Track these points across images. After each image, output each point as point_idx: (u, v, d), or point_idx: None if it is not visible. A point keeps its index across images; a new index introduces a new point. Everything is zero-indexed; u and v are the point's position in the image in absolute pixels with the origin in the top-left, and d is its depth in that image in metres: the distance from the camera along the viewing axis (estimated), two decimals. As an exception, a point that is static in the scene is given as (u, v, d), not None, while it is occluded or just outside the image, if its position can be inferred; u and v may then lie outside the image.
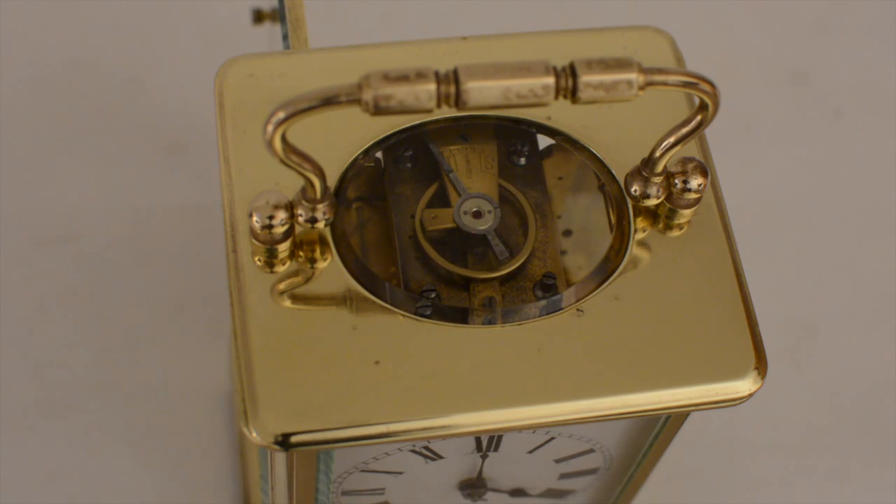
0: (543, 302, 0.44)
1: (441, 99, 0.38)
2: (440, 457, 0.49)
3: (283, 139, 0.39)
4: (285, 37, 0.51)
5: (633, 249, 0.45)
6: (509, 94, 0.38)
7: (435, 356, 0.42)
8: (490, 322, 0.43)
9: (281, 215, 0.42)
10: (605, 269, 0.45)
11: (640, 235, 0.45)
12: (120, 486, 0.70)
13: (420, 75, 0.37)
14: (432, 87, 0.37)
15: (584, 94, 0.38)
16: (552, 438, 0.48)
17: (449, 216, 0.46)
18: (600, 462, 0.52)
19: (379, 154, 0.48)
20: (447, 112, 0.47)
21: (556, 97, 0.38)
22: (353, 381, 0.41)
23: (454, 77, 0.37)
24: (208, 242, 0.76)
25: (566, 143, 0.47)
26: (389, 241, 0.47)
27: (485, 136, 0.48)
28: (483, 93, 0.38)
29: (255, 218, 0.42)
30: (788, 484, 0.73)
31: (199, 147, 0.79)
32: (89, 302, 0.74)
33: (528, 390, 0.41)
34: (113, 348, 0.73)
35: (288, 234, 0.42)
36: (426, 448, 0.48)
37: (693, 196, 0.44)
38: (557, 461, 0.51)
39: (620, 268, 0.44)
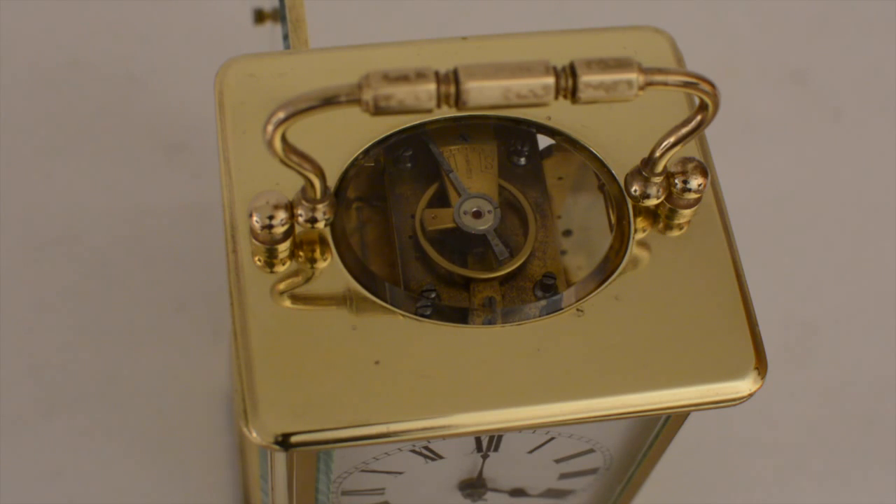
0: (543, 302, 0.44)
1: (441, 99, 0.38)
2: (440, 457, 0.49)
3: (283, 139, 0.39)
4: (286, 37, 0.51)
5: (633, 249, 0.45)
6: (509, 94, 0.38)
7: (435, 356, 0.42)
8: (490, 322, 0.43)
9: (281, 215, 0.42)
10: (605, 269, 0.45)
11: (640, 235, 0.45)
12: (120, 486, 0.70)
13: (420, 75, 0.37)
14: (432, 87, 0.37)
15: (584, 94, 0.38)
16: (552, 438, 0.48)
17: (449, 216, 0.46)
18: (600, 462, 0.52)
19: (379, 154, 0.48)
20: (447, 112, 0.47)
21: (556, 97, 0.38)
22: (353, 381, 0.41)
23: (454, 77, 0.37)
24: (208, 242, 0.76)
25: (566, 143, 0.47)
26: (389, 241, 0.47)
27: (485, 136, 0.48)
28: (483, 93, 0.38)
29: (255, 218, 0.42)
30: (788, 484, 0.73)
31: (199, 147, 0.79)
32: (89, 302, 0.74)
33: (528, 390, 0.41)
34: (113, 348, 0.73)
35: (288, 234, 0.42)
36: (426, 448, 0.48)
37: (693, 196, 0.44)
38: (557, 461, 0.51)
39: (620, 268, 0.44)
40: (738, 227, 0.49)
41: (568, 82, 0.38)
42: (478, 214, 0.46)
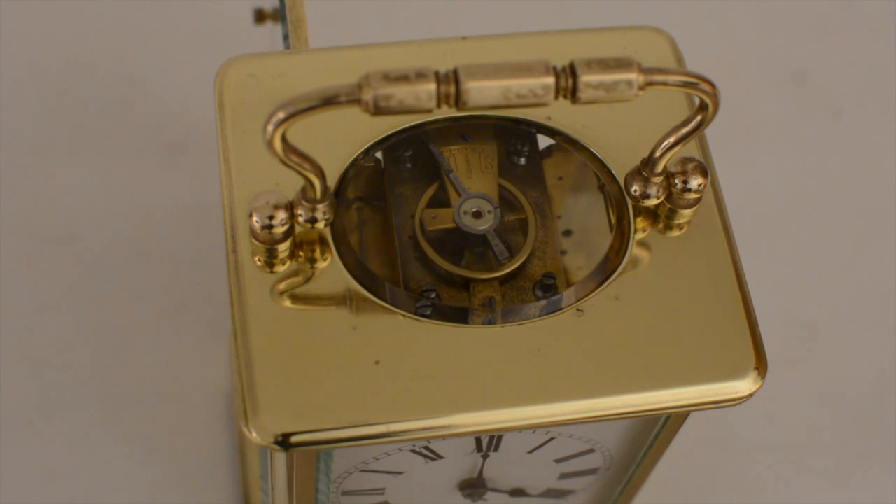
0: (543, 302, 0.44)
1: (441, 99, 0.38)
2: (440, 457, 0.49)
3: (283, 139, 0.39)
4: (286, 37, 0.51)
5: (633, 249, 0.45)
6: (509, 94, 0.38)
7: (435, 356, 0.42)
8: (490, 322, 0.43)
9: (281, 215, 0.42)
10: (605, 269, 0.45)
11: (640, 235, 0.45)
12: (120, 486, 0.70)
13: (420, 75, 0.37)
14: (432, 87, 0.37)
15: (584, 94, 0.38)
16: (552, 438, 0.48)
17: (449, 216, 0.46)
18: (600, 462, 0.52)
19: (379, 154, 0.48)
20: (447, 112, 0.47)
21: (556, 97, 0.38)
22: (353, 381, 0.41)
23: (454, 77, 0.37)
24: (208, 242, 0.76)
25: (566, 143, 0.47)
26: (389, 241, 0.47)
27: (485, 136, 0.48)
28: (483, 93, 0.38)
29: (255, 218, 0.42)
30: (788, 484, 0.73)
31: (199, 147, 0.79)
32: (89, 302, 0.74)
33: (528, 390, 0.41)
34: (113, 348, 0.73)
35: (288, 234, 0.42)
36: (426, 448, 0.48)
37: (693, 196, 0.44)
38: (557, 461, 0.51)
39: (620, 268, 0.44)
40: (738, 227, 0.49)
41: (568, 82, 0.38)
42: (478, 214, 0.46)
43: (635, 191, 0.44)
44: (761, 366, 0.43)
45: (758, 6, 0.90)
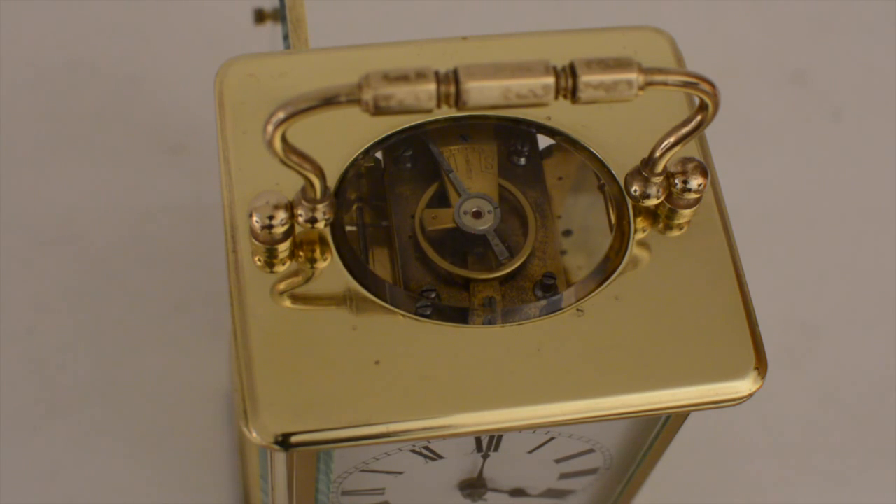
0: (543, 302, 0.44)
1: (441, 99, 0.38)
2: (440, 457, 0.49)
3: (283, 139, 0.39)
4: (286, 37, 0.51)
5: (633, 249, 0.45)
6: (509, 94, 0.38)
7: (435, 356, 0.42)
8: (490, 322, 0.43)
9: (281, 215, 0.42)
10: (605, 269, 0.45)
11: (640, 235, 0.45)
12: (120, 486, 0.70)
13: (420, 75, 0.37)
14: (432, 87, 0.37)
15: (584, 94, 0.38)
16: (552, 438, 0.48)
17: (449, 216, 0.46)
18: (600, 462, 0.52)
19: (379, 154, 0.48)
20: (447, 112, 0.47)
21: (556, 97, 0.38)
22: (353, 381, 0.41)
23: (454, 77, 0.37)
24: (208, 242, 0.76)
25: (566, 143, 0.47)
26: (389, 241, 0.47)
27: (485, 136, 0.48)
28: (483, 93, 0.38)
29: (255, 218, 0.42)
30: (788, 484, 0.73)
31: (199, 147, 0.80)
32: (89, 302, 0.74)
33: (528, 390, 0.41)
34: (113, 348, 0.73)
35: (288, 234, 0.42)
36: (426, 448, 0.48)
37: (693, 196, 0.44)
38: (557, 461, 0.51)
39: (620, 268, 0.44)
40: (738, 227, 0.49)
41: (568, 82, 0.38)
42: (478, 214, 0.46)
43: (635, 191, 0.44)
44: (761, 366, 0.43)
45: (758, 6, 0.90)
